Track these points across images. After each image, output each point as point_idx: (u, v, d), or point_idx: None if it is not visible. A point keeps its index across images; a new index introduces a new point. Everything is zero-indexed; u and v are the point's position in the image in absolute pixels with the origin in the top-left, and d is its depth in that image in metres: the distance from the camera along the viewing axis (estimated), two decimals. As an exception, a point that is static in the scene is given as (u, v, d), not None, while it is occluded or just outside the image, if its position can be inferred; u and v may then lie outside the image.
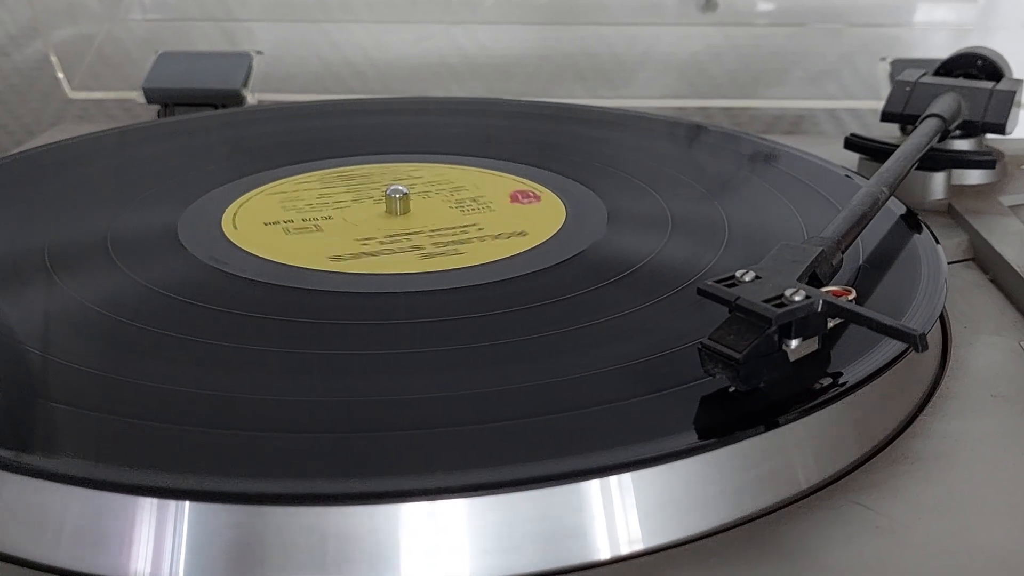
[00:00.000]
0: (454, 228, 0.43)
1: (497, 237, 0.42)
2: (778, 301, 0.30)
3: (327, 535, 0.26)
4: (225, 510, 0.26)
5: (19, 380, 0.32)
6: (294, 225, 0.43)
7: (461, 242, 0.42)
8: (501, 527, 0.26)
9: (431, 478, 0.27)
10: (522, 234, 0.43)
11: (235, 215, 0.44)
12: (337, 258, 0.40)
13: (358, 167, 0.51)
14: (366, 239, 0.42)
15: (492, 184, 0.49)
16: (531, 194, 0.47)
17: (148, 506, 0.26)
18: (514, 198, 0.47)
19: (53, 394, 0.31)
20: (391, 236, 0.42)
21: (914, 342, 0.29)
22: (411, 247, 0.41)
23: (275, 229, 0.43)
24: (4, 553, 0.27)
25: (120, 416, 0.30)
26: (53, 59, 0.68)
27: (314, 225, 0.43)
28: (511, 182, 0.49)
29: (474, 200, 0.47)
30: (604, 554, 0.27)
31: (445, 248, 0.41)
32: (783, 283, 0.31)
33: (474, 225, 0.44)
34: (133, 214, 0.45)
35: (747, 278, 0.32)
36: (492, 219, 0.44)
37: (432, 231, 0.43)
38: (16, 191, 0.47)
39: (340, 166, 0.51)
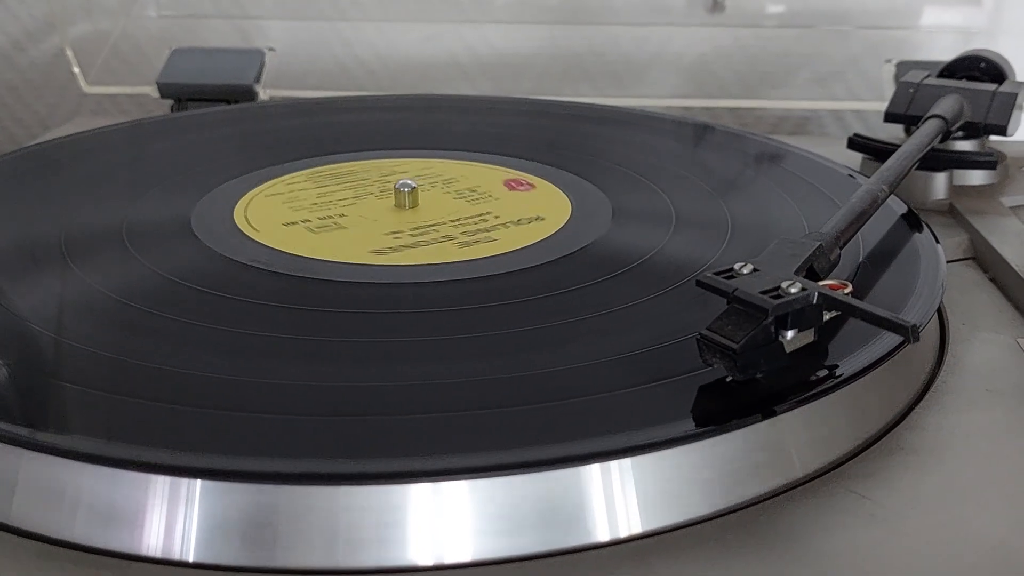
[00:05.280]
0: (472, 217, 0.43)
1: (519, 223, 0.43)
2: (775, 293, 0.30)
3: (337, 513, 0.26)
4: (237, 488, 0.26)
5: (36, 362, 0.33)
6: (314, 224, 0.43)
7: (488, 229, 0.42)
8: (504, 508, 0.27)
9: (437, 460, 0.27)
10: (540, 219, 0.43)
11: (246, 215, 0.43)
12: (379, 252, 0.40)
13: (342, 165, 0.50)
14: (394, 232, 0.42)
15: (481, 175, 0.49)
16: (524, 182, 0.47)
17: (161, 484, 0.27)
18: (509, 186, 0.47)
19: (70, 376, 0.31)
20: (417, 228, 0.42)
21: (907, 333, 0.29)
22: (443, 237, 0.41)
23: (298, 229, 0.42)
24: (21, 528, 0.28)
25: (137, 398, 0.30)
26: (69, 54, 0.69)
27: (334, 223, 0.43)
28: (500, 172, 0.49)
29: (472, 190, 0.47)
30: (603, 536, 0.27)
31: (477, 236, 0.41)
32: (780, 276, 0.31)
33: (489, 213, 0.44)
34: (148, 207, 0.45)
35: (745, 271, 0.32)
36: (501, 206, 0.45)
37: (453, 221, 0.43)
38: (34, 182, 0.48)
39: (318, 165, 0.50)
